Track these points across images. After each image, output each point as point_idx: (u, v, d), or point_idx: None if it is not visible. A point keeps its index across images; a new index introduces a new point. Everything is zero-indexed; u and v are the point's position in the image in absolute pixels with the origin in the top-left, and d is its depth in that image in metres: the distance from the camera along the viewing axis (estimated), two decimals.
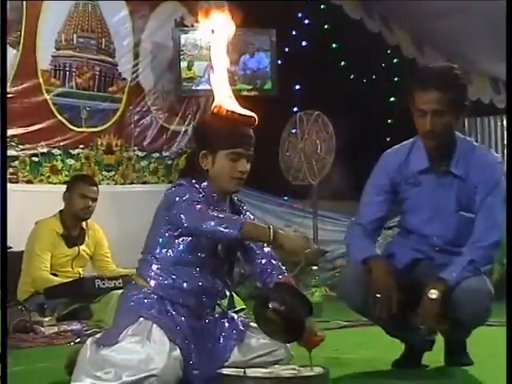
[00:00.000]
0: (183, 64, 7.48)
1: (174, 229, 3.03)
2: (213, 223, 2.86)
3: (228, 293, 3.25)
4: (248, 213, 3.25)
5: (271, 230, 2.85)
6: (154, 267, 3.07)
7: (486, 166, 3.27)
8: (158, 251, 3.08)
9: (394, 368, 3.41)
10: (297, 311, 2.86)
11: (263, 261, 3.22)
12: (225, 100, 3.06)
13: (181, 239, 3.05)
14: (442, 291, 3.11)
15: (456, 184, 3.29)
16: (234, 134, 3.05)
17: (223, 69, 3.08)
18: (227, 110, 3.04)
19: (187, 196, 2.97)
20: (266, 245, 3.19)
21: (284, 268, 3.22)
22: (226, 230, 2.84)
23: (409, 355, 3.44)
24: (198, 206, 2.94)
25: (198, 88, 7.51)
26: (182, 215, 2.94)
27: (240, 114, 3.05)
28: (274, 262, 3.22)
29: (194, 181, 3.07)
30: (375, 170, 3.46)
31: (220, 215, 2.91)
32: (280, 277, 3.16)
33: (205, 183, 3.08)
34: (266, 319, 2.86)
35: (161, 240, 3.07)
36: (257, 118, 3.07)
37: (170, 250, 3.06)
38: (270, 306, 2.85)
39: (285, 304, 2.83)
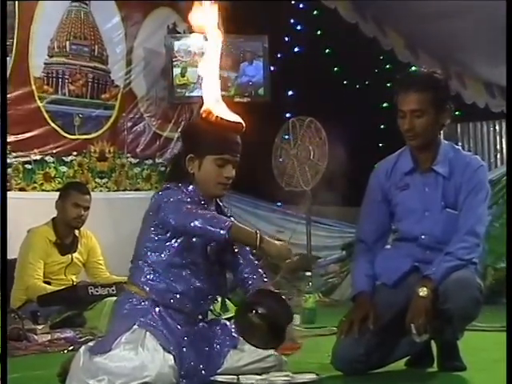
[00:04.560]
0: (176, 71, 7.47)
1: (163, 232, 3.04)
2: (201, 221, 2.87)
3: (220, 297, 3.25)
4: (232, 218, 3.26)
5: (258, 235, 2.87)
6: (147, 273, 3.07)
7: (469, 168, 3.37)
8: (148, 256, 3.08)
9: (389, 371, 3.41)
10: (280, 316, 2.86)
11: (247, 269, 3.23)
12: (213, 105, 3.07)
13: (171, 242, 3.05)
14: (429, 288, 3.17)
15: (441, 182, 3.38)
16: (221, 140, 3.07)
17: (214, 74, 3.09)
18: (216, 116, 3.05)
19: (174, 197, 3.00)
20: (250, 250, 3.20)
21: (266, 276, 3.22)
22: (215, 230, 2.85)
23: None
24: (186, 206, 2.96)
25: (191, 94, 7.49)
26: (169, 215, 2.96)
27: (228, 121, 3.06)
28: (257, 270, 3.23)
29: (180, 184, 3.09)
30: (369, 181, 3.54)
31: (208, 214, 2.94)
32: (260, 285, 3.17)
33: (191, 187, 3.10)
34: (250, 324, 2.86)
35: (151, 245, 3.08)
36: (244, 125, 3.09)
37: (161, 254, 3.06)
38: (255, 310, 2.84)
39: (269, 308, 2.83)
